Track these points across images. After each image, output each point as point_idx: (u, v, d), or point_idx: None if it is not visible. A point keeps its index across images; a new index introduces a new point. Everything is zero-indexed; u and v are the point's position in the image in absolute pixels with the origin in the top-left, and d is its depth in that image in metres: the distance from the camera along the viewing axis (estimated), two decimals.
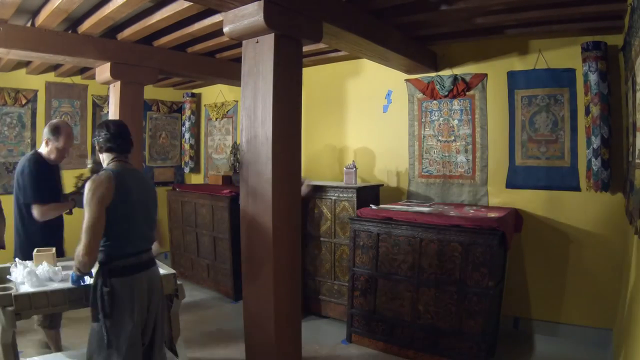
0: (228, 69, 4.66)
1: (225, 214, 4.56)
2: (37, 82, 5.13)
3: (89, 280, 2.07)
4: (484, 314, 2.95)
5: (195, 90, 6.33)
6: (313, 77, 4.55)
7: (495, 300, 3.03)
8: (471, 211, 3.44)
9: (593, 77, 3.18)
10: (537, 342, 3.49)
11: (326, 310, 4.02)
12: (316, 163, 4.86)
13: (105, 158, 2.11)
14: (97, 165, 2.32)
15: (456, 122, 4.04)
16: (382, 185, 4.30)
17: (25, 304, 1.97)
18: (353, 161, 4.19)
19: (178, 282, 2.38)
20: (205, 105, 6.35)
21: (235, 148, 5.48)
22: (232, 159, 5.55)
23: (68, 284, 2.11)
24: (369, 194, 3.98)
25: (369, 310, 3.43)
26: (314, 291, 4.08)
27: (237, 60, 3.06)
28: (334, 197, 3.93)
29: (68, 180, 2.99)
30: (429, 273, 3.15)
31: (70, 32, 3.49)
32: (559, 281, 3.62)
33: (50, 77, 5.20)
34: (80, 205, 2.27)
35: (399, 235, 3.27)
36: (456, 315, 3.03)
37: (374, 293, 3.40)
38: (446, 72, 4.08)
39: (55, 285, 2.14)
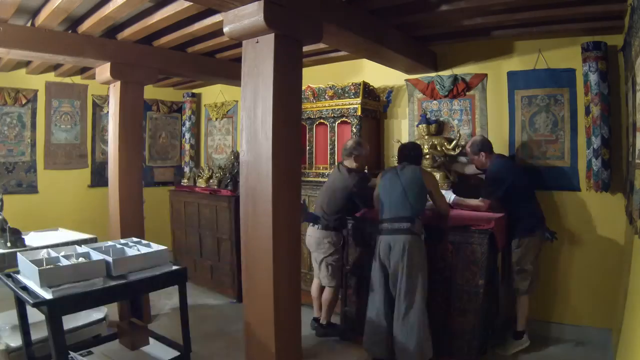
0: (228, 69, 4.66)
1: (228, 215, 4.55)
2: (37, 82, 5.13)
3: None
4: (474, 312, 2.99)
5: (195, 90, 6.33)
6: (313, 77, 4.54)
7: (485, 298, 3.06)
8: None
9: (593, 77, 3.18)
10: (537, 342, 3.49)
11: None
12: None
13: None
14: None
15: (456, 122, 4.04)
16: None
17: None
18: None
19: None
20: (205, 105, 6.35)
21: (235, 155, 5.33)
22: (234, 163, 5.46)
23: None
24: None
25: (362, 308, 3.43)
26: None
27: (237, 60, 3.05)
28: None
29: None
30: None
31: (70, 32, 3.48)
32: (559, 281, 3.62)
33: (50, 77, 5.20)
34: None
35: None
36: (447, 313, 3.06)
37: (367, 292, 3.39)
38: (446, 72, 4.08)
39: None
